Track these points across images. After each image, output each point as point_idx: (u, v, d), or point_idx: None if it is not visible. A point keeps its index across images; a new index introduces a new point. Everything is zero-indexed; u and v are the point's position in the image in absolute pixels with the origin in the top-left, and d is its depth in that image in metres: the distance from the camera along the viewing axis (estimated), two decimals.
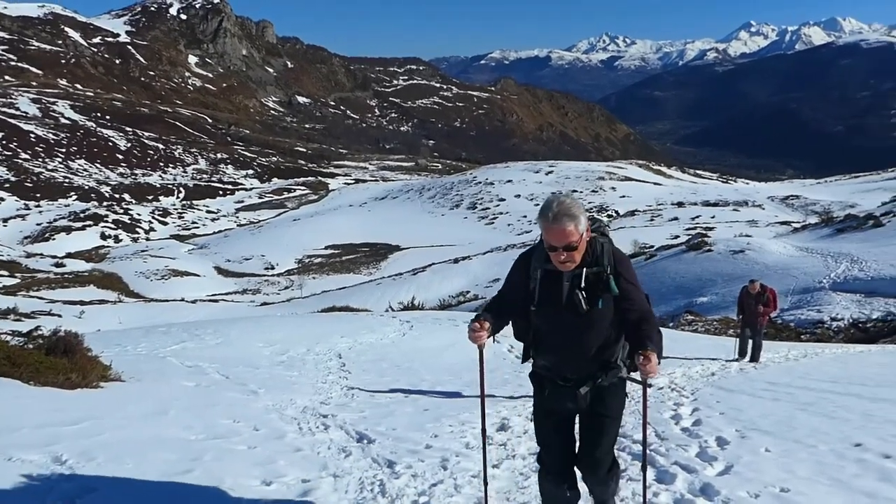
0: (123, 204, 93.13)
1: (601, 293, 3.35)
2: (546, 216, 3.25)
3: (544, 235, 3.28)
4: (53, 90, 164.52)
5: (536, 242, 3.51)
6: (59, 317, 33.34)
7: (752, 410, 7.16)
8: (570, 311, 3.36)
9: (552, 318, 3.41)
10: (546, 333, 3.46)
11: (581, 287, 3.35)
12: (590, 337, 3.41)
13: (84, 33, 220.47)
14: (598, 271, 3.37)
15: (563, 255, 3.27)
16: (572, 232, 3.22)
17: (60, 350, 7.50)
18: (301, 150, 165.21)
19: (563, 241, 3.24)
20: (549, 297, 3.39)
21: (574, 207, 3.23)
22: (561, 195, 3.32)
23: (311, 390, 8.49)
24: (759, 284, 13.28)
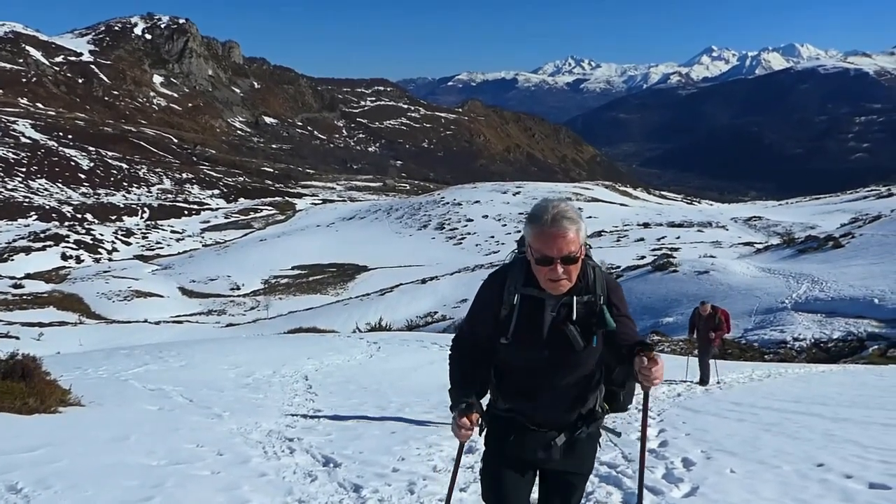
0: (86, 224, 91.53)
1: (595, 328, 2.74)
2: (540, 219, 2.64)
3: (535, 245, 2.64)
4: (13, 109, 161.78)
5: (509, 261, 2.89)
6: (16, 339, 32.55)
7: (718, 431, 7.22)
8: (553, 349, 2.73)
9: (529, 355, 2.75)
10: (517, 373, 2.80)
11: (573, 320, 2.71)
12: (574, 379, 2.81)
13: (46, 52, 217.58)
14: (589, 301, 2.75)
15: (561, 269, 2.62)
16: (573, 239, 2.62)
17: (17, 374, 7.31)
18: (268, 171, 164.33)
19: (562, 249, 2.60)
20: (526, 329, 2.73)
21: (573, 211, 2.67)
22: (554, 199, 2.71)
23: (277, 413, 8.38)
24: (710, 306, 12.98)
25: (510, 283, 2.80)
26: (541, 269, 2.65)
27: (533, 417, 2.84)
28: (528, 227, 2.69)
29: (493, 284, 2.85)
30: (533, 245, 2.66)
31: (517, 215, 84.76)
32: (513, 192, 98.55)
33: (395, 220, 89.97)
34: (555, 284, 2.66)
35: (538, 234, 2.64)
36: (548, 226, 2.62)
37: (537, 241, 2.64)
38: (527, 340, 2.73)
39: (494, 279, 2.86)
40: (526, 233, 2.71)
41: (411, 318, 35.81)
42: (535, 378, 2.80)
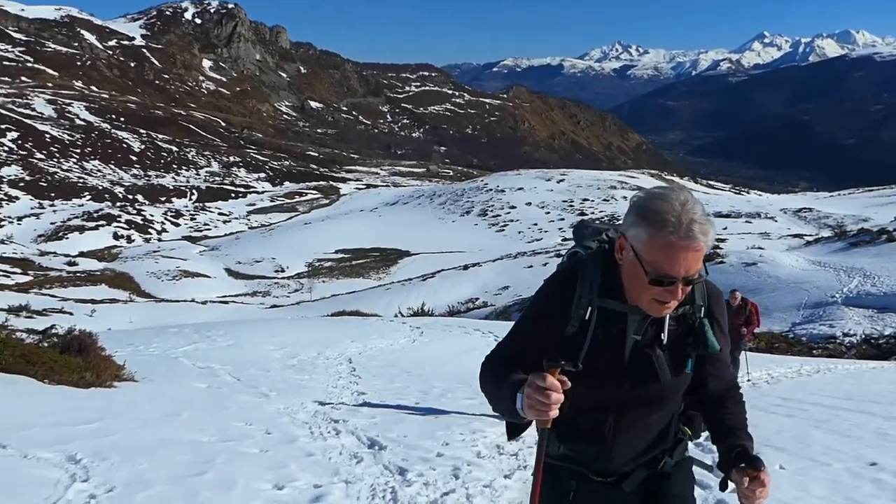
0: (136, 205, 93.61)
1: (692, 350, 2.08)
2: (666, 223, 1.89)
3: (651, 256, 1.92)
4: (69, 92, 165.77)
5: (582, 258, 2.15)
6: (70, 315, 33.51)
7: (766, 426, 7.11)
8: (635, 380, 2.06)
9: (602, 388, 2.06)
10: (582, 411, 2.08)
11: (661, 343, 2.05)
12: (657, 417, 2.15)
13: (100, 36, 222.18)
14: (686, 314, 2.09)
15: (679, 293, 1.95)
16: (703, 254, 1.96)
17: (75, 349, 7.55)
18: (313, 155, 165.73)
19: (690, 268, 1.93)
20: (602, 354, 2.04)
21: (704, 212, 1.95)
22: (675, 189, 1.98)
23: (322, 395, 8.50)
24: (739, 296, 12.08)
25: (582, 290, 2.06)
26: (650, 289, 1.94)
27: (599, 465, 2.17)
28: (640, 229, 1.94)
29: (557, 291, 2.11)
30: (647, 255, 1.92)
31: (560, 203, 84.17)
32: (557, 179, 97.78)
33: (438, 205, 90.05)
34: (661, 308, 1.98)
35: (662, 244, 1.90)
36: (678, 235, 1.89)
37: (658, 252, 1.91)
38: (602, 369, 2.04)
39: (559, 284, 2.12)
40: (635, 235, 1.95)
41: (452, 304, 35.85)
42: (606, 417, 2.11)
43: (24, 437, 4.95)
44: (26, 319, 28.09)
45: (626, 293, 2.03)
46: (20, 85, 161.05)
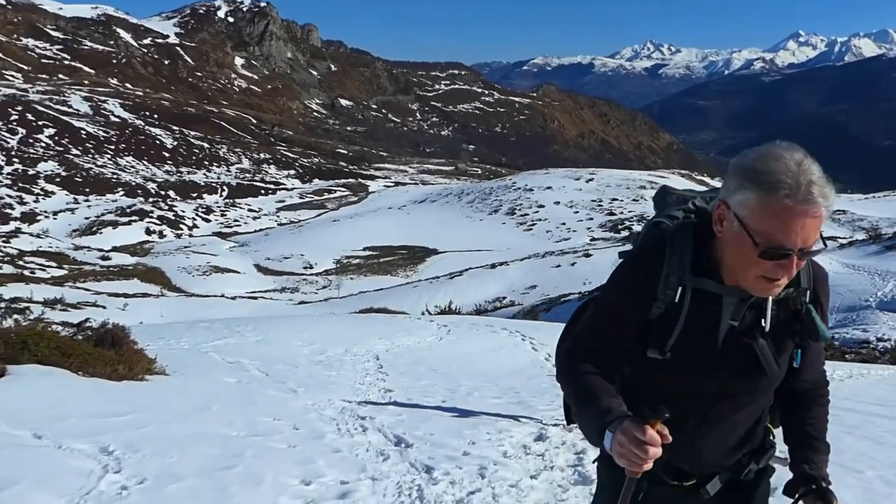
0: (168, 200, 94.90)
1: (798, 339, 1.86)
2: (781, 185, 1.61)
3: (762, 225, 1.64)
4: (104, 89, 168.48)
5: (669, 230, 1.84)
6: (103, 308, 34.07)
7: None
8: (729, 371, 1.82)
9: (691, 379, 1.84)
10: (667, 403, 1.70)
11: (763, 330, 1.81)
12: (747, 413, 1.94)
13: (135, 34, 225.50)
14: (790, 297, 1.83)
15: (794, 269, 1.69)
16: (821, 221, 1.68)
17: (108, 342, 7.68)
18: (342, 152, 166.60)
19: (808, 238, 1.67)
20: (694, 339, 1.80)
21: (821, 173, 1.68)
22: (786, 146, 1.69)
23: (350, 391, 8.55)
24: None
25: (671, 266, 1.78)
26: (758, 264, 1.67)
27: (676, 465, 1.93)
28: (748, 193, 1.65)
29: (640, 268, 1.84)
30: (756, 224, 1.64)
31: (589, 202, 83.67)
32: (586, 178, 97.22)
33: (466, 204, 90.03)
34: (770, 287, 1.72)
35: (776, 209, 1.62)
36: (796, 199, 1.61)
37: (770, 220, 1.63)
38: (691, 358, 1.80)
39: (643, 260, 1.85)
40: (741, 201, 1.67)
41: (479, 303, 35.83)
42: (693, 411, 1.87)
43: (59, 427, 5.05)
44: (61, 312, 28.62)
45: (724, 271, 1.76)
46: (57, 82, 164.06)
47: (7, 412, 5.24)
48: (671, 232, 1.84)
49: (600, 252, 47.66)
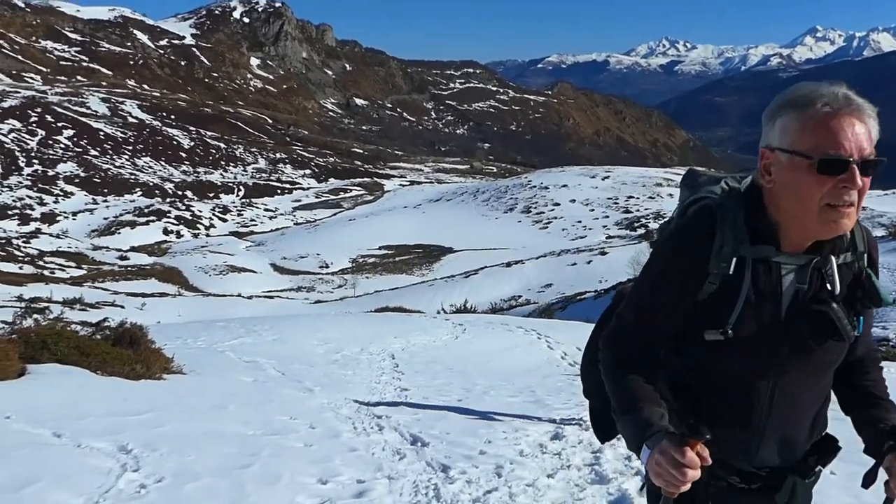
0: (185, 200, 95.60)
1: (861, 305, 1.70)
2: (819, 98, 1.54)
3: (812, 138, 1.53)
4: (122, 90, 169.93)
5: (716, 201, 1.69)
6: (121, 308, 34.37)
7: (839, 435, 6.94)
8: (797, 342, 1.67)
9: (757, 356, 1.66)
10: (728, 387, 1.69)
11: (835, 294, 1.66)
12: (817, 392, 1.79)
13: (151, 36, 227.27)
14: (845, 263, 1.69)
15: (858, 180, 1.53)
16: (869, 135, 1.57)
17: (126, 341, 7.74)
18: (358, 152, 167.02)
19: (862, 146, 1.54)
20: (754, 314, 1.64)
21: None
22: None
23: (366, 390, 8.57)
24: None
25: (724, 237, 1.63)
26: (819, 192, 1.53)
27: (742, 460, 1.75)
28: (786, 117, 1.58)
29: (689, 243, 1.66)
30: (805, 142, 1.53)
31: (605, 200, 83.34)
32: (601, 176, 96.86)
33: (482, 202, 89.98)
34: (839, 217, 1.56)
35: (819, 118, 1.53)
36: (836, 105, 1.54)
37: (816, 130, 1.53)
38: (755, 334, 1.64)
39: (692, 235, 1.67)
40: (782, 129, 1.59)
41: (495, 301, 35.82)
42: (757, 396, 1.70)
43: (78, 426, 5.09)
44: (80, 312, 28.91)
45: (781, 236, 1.63)
46: (76, 84, 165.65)
47: (27, 411, 5.29)
48: (718, 203, 1.69)
49: (616, 250, 47.46)
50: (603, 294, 29.51)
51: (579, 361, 2.21)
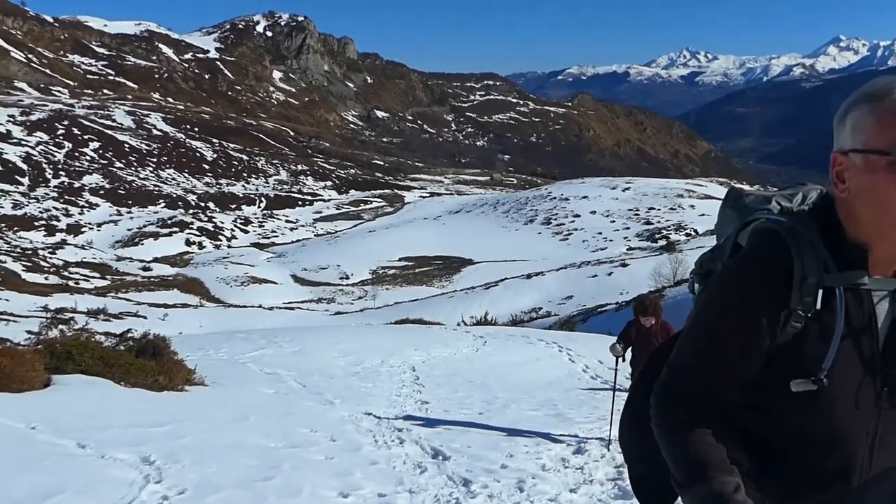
0: (208, 212, 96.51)
1: None
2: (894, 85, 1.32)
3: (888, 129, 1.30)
4: (147, 103, 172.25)
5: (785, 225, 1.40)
6: (144, 318, 34.72)
7: None
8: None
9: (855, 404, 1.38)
10: (819, 445, 1.40)
11: None
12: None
13: (176, 50, 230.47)
14: None
15: None
16: None
17: (149, 352, 7.80)
18: (378, 163, 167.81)
19: None
20: (848, 354, 1.37)
21: None
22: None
23: (386, 403, 8.56)
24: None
25: (806, 267, 1.36)
26: None
27: None
28: (859, 111, 1.36)
29: (762, 276, 1.38)
30: (878, 138, 1.32)
31: (626, 211, 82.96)
32: (622, 187, 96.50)
33: (502, 214, 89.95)
34: None
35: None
36: None
37: (893, 121, 1.30)
38: (854, 375, 1.37)
39: (765, 264, 1.38)
40: (854, 124, 1.38)
41: (515, 313, 35.70)
42: (858, 444, 1.40)
43: (102, 437, 5.13)
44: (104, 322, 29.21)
45: (872, 251, 1.36)
46: (102, 97, 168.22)
47: (52, 421, 5.34)
48: (787, 226, 1.40)
49: (637, 262, 47.17)
50: (624, 306, 29.30)
51: (601, 374, 1.92)
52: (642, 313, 6.90)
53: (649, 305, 7.02)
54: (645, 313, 6.87)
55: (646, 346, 6.66)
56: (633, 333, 6.95)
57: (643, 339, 6.78)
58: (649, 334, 6.73)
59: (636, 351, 6.92)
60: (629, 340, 6.97)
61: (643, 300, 7.29)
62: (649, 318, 6.85)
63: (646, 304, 7.07)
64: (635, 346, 6.92)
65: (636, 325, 6.92)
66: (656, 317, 6.88)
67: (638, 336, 6.88)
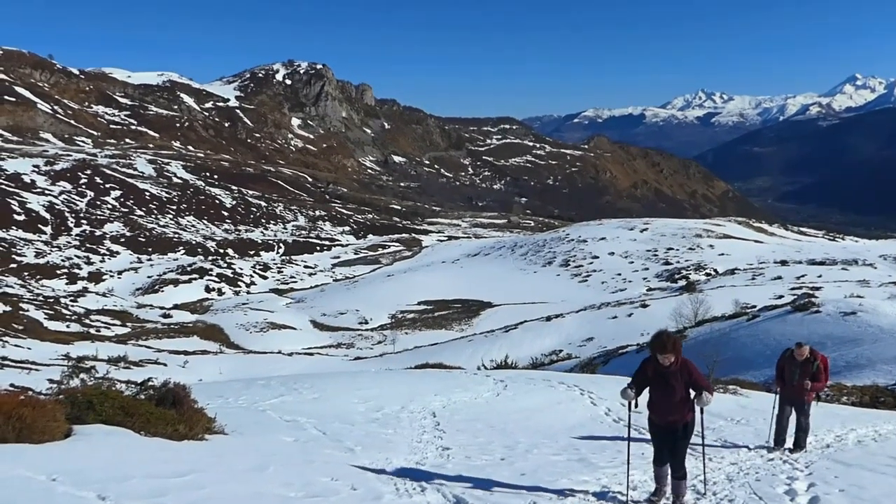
0: (227, 258, 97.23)
1: None
2: None
3: None
4: (168, 151, 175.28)
5: None
6: (164, 366, 34.78)
7: (876, 488, 6.64)
8: None
9: None
10: None
11: None
12: None
13: (197, 99, 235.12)
14: None
15: None
16: None
17: (169, 401, 7.79)
18: (396, 208, 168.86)
19: None
20: None
21: None
22: None
23: (407, 449, 8.46)
24: (807, 349, 9.95)
25: None
26: None
27: None
28: None
29: None
30: None
31: (644, 252, 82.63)
32: (640, 228, 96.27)
33: (520, 256, 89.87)
34: None
35: None
36: None
37: None
38: None
39: None
40: None
41: (535, 356, 35.39)
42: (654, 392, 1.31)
43: (122, 489, 5.10)
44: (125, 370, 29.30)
45: None
46: (124, 146, 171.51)
47: (72, 473, 5.31)
48: None
49: (657, 302, 46.78)
50: (645, 347, 28.97)
51: (623, 417, 1.97)
52: (660, 350, 6.15)
53: (667, 341, 6.19)
54: (663, 350, 6.13)
55: (663, 387, 6.17)
56: (650, 372, 6.26)
57: (660, 380, 6.17)
58: (668, 374, 6.13)
59: (653, 393, 6.29)
60: (645, 380, 6.31)
61: (660, 335, 6.38)
62: (668, 355, 6.13)
63: (663, 340, 6.22)
64: (652, 388, 6.27)
65: (653, 363, 6.23)
66: (676, 354, 6.15)
67: (655, 376, 6.21)
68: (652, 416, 6.38)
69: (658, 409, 6.29)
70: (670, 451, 6.21)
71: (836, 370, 21.37)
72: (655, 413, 6.34)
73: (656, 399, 6.28)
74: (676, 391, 6.13)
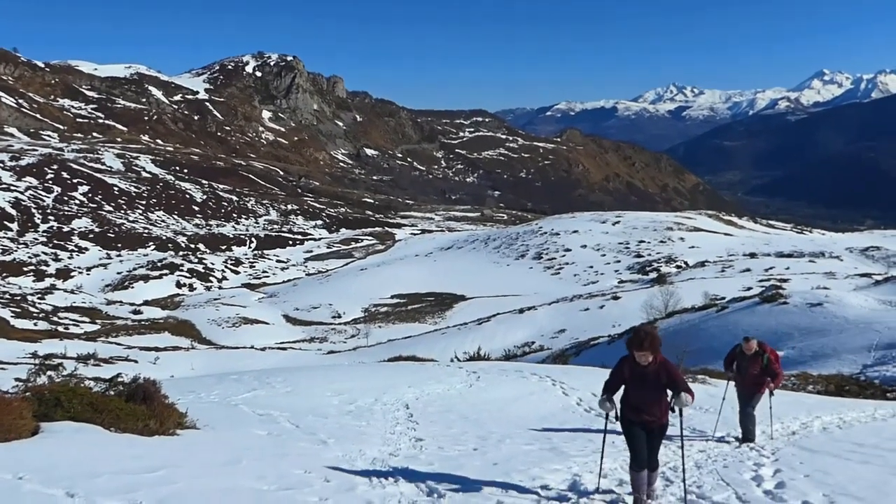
0: (198, 253, 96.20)
1: None
2: None
3: None
4: (136, 145, 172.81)
5: None
6: (135, 362, 34.40)
7: (840, 474, 6.80)
8: None
9: None
10: None
11: None
12: None
13: (166, 91, 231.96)
14: None
15: None
16: None
17: (140, 397, 7.71)
18: (368, 202, 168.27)
19: None
20: None
21: None
22: None
23: (380, 441, 8.48)
24: (755, 343, 10.01)
25: None
26: None
27: None
28: None
29: None
30: None
31: (616, 245, 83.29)
32: (612, 221, 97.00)
33: (493, 249, 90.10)
34: None
35: None
36: None
37: None
38: None
39: None
40: None
41: (508, 348, 35.58)
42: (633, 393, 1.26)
43: (91, 485, 5.05)
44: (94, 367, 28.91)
45: None
46: (91, 140, 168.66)
47: (40, 470, 5.25)
48: None
49: (629, 294, 47.24)
50: (617, 338, 29.28)
51: (594, 407, 2.00)
52: (637, 347, 5.85)
53: (644, 338, 5.86)
54: (640, 347, 5.83)
55: (641, 387, 5.90)
56: (627, 372, 5.96)
57: (638, 379, 5.90)
58: (645, 374, 5.86)
59: (630, 390, 6.00)
60: (622, 380, 6.02)
61: (638, 331, 6.09)
62: (645, 353, 5.83)
63: (640, 337, 5.89)
64: (629, 386, 5.99)
65: (630, 361, 5.95)
66: (654, 352, 5.86)
67: (633, 376, 5.93)
68: (629, 414, 5.97)
69: (634, 408, 5.96)
70: (649, 449, 5.88)
71: (803, 360, 21.78)
72: (632, 412, 5.96)
73: (633, 398, 5.96)
74: (654, 391, 5.80)
